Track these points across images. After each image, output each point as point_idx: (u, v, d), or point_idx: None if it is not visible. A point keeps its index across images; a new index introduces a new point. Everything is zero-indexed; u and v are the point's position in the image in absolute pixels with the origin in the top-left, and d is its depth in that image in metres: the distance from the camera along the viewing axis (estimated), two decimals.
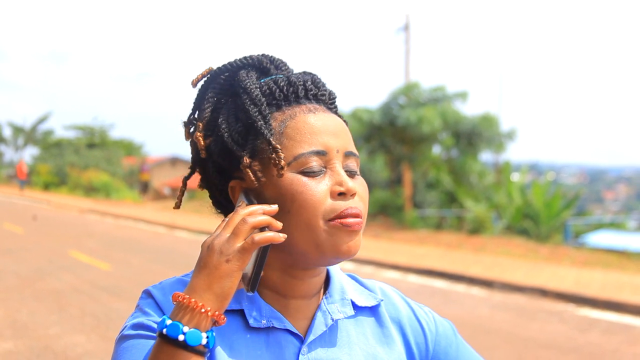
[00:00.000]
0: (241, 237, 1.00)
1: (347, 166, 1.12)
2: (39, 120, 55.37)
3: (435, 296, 9.80)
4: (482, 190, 21.80)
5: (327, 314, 1.17)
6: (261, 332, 1.12)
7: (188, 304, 0.97)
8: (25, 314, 8.22)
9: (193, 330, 0.96)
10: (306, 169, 1.08)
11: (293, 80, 1.14)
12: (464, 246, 15.33)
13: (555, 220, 18.90)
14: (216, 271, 0.99)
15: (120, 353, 1.05)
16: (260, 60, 1.17)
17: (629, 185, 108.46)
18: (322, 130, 1.10)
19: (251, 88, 1.11)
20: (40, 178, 43.47)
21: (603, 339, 7.46)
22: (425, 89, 21.10)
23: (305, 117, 1.11)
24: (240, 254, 0.99)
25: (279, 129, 1.10)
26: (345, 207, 1.08)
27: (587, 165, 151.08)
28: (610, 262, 12.65)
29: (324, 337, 1.16)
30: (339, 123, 1.14)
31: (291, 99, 1.13)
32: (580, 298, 9.29)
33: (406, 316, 1.28)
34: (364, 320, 1.23)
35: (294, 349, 1.13)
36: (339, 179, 1.08)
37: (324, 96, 1.16)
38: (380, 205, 21.51)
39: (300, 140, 1.09)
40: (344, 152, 1.11)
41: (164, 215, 23.60)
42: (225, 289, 0.99)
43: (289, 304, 1.16)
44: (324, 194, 1.07)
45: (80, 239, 16.22)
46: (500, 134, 20.80)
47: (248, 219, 1.02)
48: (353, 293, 1.24)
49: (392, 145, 20.94)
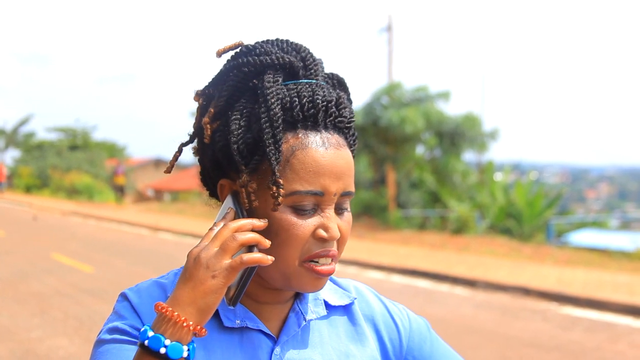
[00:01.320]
0: (229, 253, 1.00)
1: (339, 204, 1.12)
2: (20, 122, 54.79)
3: (419, 296, 9.83)
4: (465, 190, 21.87)
5: (300, 315, 1.19)
6: (235, 332, 1.13)
7: (171, 317, 0.97)
8: (6, 317, 8.15)
9: (175, 344, 0.96)
10: (298, 206, 1.07)
11: (317, 100, 1.10)
12: (447, 246, 15.38)
13: (538, 220, 19.00)
14: (201, 286, 0.98)
15: (96, 357, 1.06)
16: (292, 63, 1.13)
17: (610, 184, 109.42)
18: (326, 172, 1.08)
19: (272, 102, 1.08)
20: (21, 180, 43.05)
21: (585, 337, 7.52)
22: (408, 89, 21.14)
23: (315, 153, 1.08)
24: (228, 271, 0.99)
25: (287, 154, 1.08)
26: (321, 249, 1.09)
27: (569, 165, 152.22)
28: (592, 260, 12.75)
29: (296, 338, 1.17)
30: (347, 161, 1.12)
31: (309, 122, 1.10)
32: (563, 297, 9.36)
33: (380, 313, 1.30)
34: (337, 320, 1.25)
35: (267, 349, 1.14)
36: (327, 223, 1.08)
37: (342, 123, 1.13)
38: (364, 206, 21.53)
39: (302, 177, 1.07)
40: (340, 194, 1.10)
41: (147, 217, 23.48)
42: (209, 304, 0.99)
43: (261, 307, 1.17)
44: (307, 235, 1.08)
45: (62, 242, 16.10)
46: (483, 134, 20.89)
47: (237, 235, 1.01)
48: (326, 293, 1.26)
49: (376, 145, 20.96)
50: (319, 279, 1.10)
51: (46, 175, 41.35)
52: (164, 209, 27.83)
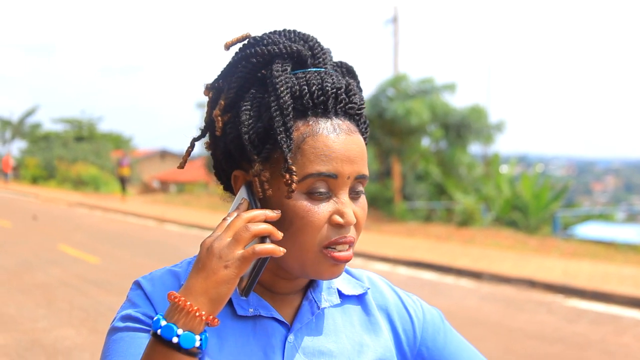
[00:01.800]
0: (242, 244, 1.00)
1: (354, 188, 1.11)
2: (26, 113, 54.98)
3: (424, 288, 9.83)
4: (471, 182, 21.87)
5: (314, 303, 1.19)
6: (248, 320, 1.14)
7: (183, 307, 0.97)
8: (13, 308, 8.19)
9: (187, 333, 0.97)
10: (312, 190, 1.07)
11: (326, 87, 1.10)
12: (453, 238, 15.38)
13: (544, 212, 18.99)
14: (214, 276, 0.99)
15: (109, 345, 1.07)
16: (300, 52, 1.13)
17: (617, 177, 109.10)
18: (339, 156, 1.08)
19: (282, 90, 1.08)
20: (28, 171, 43.20)
21: (591, 329, 7.51)
22: (413, 81, 21.12)
23: (327, 138, 1.08)
24: (240, 262, 0.99)
25: (298, 141, 1.08)
26: (339, 236, 1.09)
27: (575, 158, 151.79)
28: (598, 253, 12.73)
29: (310, 325, 1.18)
30: (359, 145, 1.11)
31: (319, 110, 1.10)
32: (568, 289, 9.35)
33: (393, 304, 1.30)
34: (351, 309, 1.24)
35: (280, 337, 1.14)
36: (342, 209, 1.08)
37: (352, 109, 1.13)
38: (370, 198, 21.46)
39: (314, 160, 1.07)
40: (354, 177, 1.10)
41: (153, 209, 23.52)
42: (221, 294, 0.99)
43: (275, 296, 1.18)
44: (323, 222, 1.08)
45: (68, 233, 16.15)
46: (489, 126, 20.87)
47: (250, 226, 1.01)
48: (340, 282, 1.25)
49: (381, 137, 20.95)
50: (336, 266, 1.10)
51: (52, 166, 41.47)
52: (170, 200, 27.87)
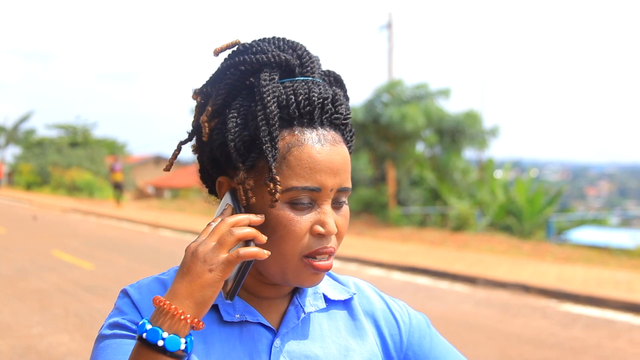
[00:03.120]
0: (226, 248, 1.01)
1: (337, 199, 1.13)
2: (20, 119, 54.81)
3: (419, 293, 9.84)
4: (465, 188, 21.89)
5: (299, 308, 1.20)
6: (234, 326, 1.15)
7: (168, 310, 0.99)
8: (7, 314, 8.16)
9: (172, 336, 0.98)
10: (295, 201, 1.08)
11: (313, 98, 1.11)
12: (447, 243, 15.39)
13: (538, 217, 19.01)
14: (199, 279, 1.00)
15: (97, 352, 1.08)
16: (288, 61, 1.14)
17: (611, 182, 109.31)
18: (323, 169, 1.09)
19: (268, 100, 1.09)
20: (22, 177, 43.09)
21: (585, 334, 7.53)
22: (408, 87, 21.13)
23: (311, 150, 1.09)
24: (224, 265, 1.00)
25: (283, 150, 1.09)
26: (320, 246, 1.10)
27: (569, 162, 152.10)
28: (592, 258, 12.75)
29: (296, 330, 1.19)
30: (344, 157, 1.13)
31: (305, 120, 1.11)
32: (563, 294, 9.36)
33: (380, 309, 1.31)
34: (337, 314, 1.26)
35: (267, 342, 1.15)
36: (323, 219, 1.10)
37: (338, 119, 1.15)
38: (364, 203, 21.53)
39: (298, 173, 1.08)
40: (337, 189, 1.12)
41: (147, 214, 23.49)
42: (206, 298, 1.00)
43: (261, 302, 1.19)
44: (304, 231, 1.09)
45: (63, 239, 16.11)
46: (484, 131, 20.88)
47: (234, 230, 1.03)
48: (325, 287, 1.27)
49: (376, 142, 20.96)
50: (316, 275, 1.12)
51: (46, 172, 41.36)
52: (164, 206, 27.83)
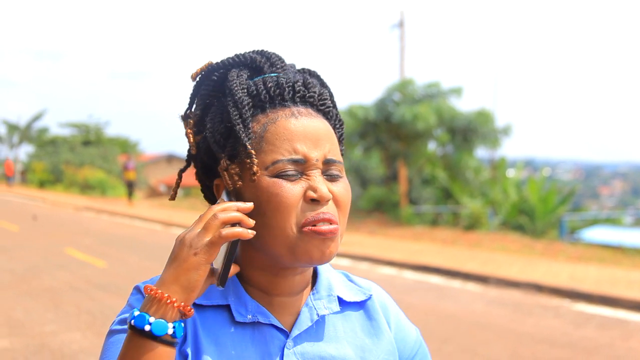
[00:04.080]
0: (211, 231, 1.02)
1: (327, 172, 1.12)
2: (33, 118, 55.11)
3: (431, 292, 9.81)
4: (477, 187, 21.82)
5: (313, 310, 1.19)
6: (247, 327, 1.14)
7: (155, 295, 1.00)
8: (20, 312, 8.21)
9: (159, 321, 0.99)
10: (281, 173, 1.08)
11: (282, 81, 1.13)
12: (459, 242, 15.35)
13: (551, 216, 18.93)
14: (184, 263, 1.01)
15: (106, 347, 1.09)
16: (254, 59, 1.17)
17: (624, 181, 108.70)
18: (301, 137, 1.10)
19: (236, 89, 1.12)
20: (35, 176, 43.31)
21: (598, 333, 7.48)
22: (420, 86, 21.11)
23: (286, 122, 1.10)
24: (208, 247, 1.01)
25: (260, 132, 1.11)
26: (316, 213, 1.08)
27: (582, 161, 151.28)
28: (605, 257, 12.68)
29: (309, 332, 1.18)
30: (322, 128, 1.13)
31: (276, 101, 1.13)
32: (575, 293, 9.31)
33: (394, 315, 1.32)
34: (352, 315, 1.25)
35: (279, 343, 1.14)
36: (313, 184, 1.09)
37: (312, 98, 1.15)
38: (376, 202, 21.52)
39: (278, 146, 1.09)
40: (323, 160, 1.11)
41: (159, 213, 23.56)
42: (191, 281, 1.01)
43: (273, 300, 1.17)
44: (297, 198, 1.08)
45: (75, 237, 16.19)
46: (496, 130, 20.82)
47: (219, 214, 1.03)
48: (341, 289, 1.25)
49: (388, 141, 20.94)
50: (323, 242, 1.09)
51: (59, 170, 41.55)
52: (176, 204, 27.89)
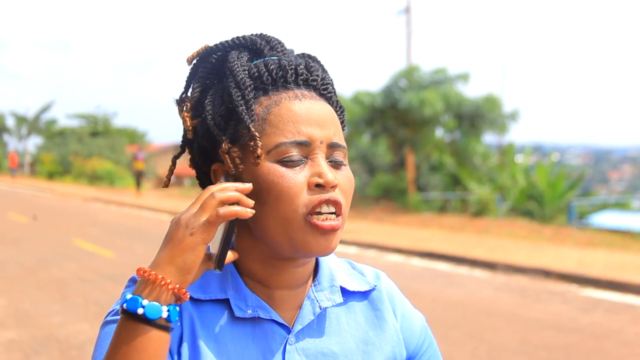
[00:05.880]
0: (207, 211, 0.98)
1: (331, 157, 1.08)
2: (41, 109, 55.27)
3: (439, 279, 9.79)
4: (485, 172, 21.76)
5: (315, 302, 1.15)
6: (247, 323, 1.11)
7: (148, 277, 0.96)
8: (28, 304, 8.24)
9: (152, 304, 0.94)
10: (285, 158, 1.04)
11: (284, 63, 1.10)
12: (467, 228, 15.32)
13: (560, 201, 18.87)
14: (180, 244, 0.97)
15: (100, 339, 1.06)
16: (254, 41, 1.13)
17: (634, 165, 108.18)
18: (305, 120, 1.06)
19: (237, 70, 1.08)
20: (44, 167, 43.52)
21: (606, 319, 7.45)
22: (426, 72, 21.02)
23: (290, 104, 1.07)
24: (204, 226, 0.97)
25: (263, 114, 1.07)
26: (321, 197, 1.04)
27: (592, 146, 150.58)
28: (614, 242, 12.64)
29: (311, 326, 1.14)
30: (327, 111, 1.09)
31: (279, 83, 1.09)
32: (584, 278, 9.28)
33: (399, 304, 1.27)
34: (356, 305, 1.21)
35: (280, 339, 1.11)
36: (319, 170, 1.04)
37: (315, 82, 1.12)
38: (384, 189, 21.49)
39: (282, 128, 1.05)
40: (327, 143, 1.07)
41: (168, 203, 23.60)
42: (187, 262, 0.97)
43: (274, 294, 1.13)
44: (300, 186, 1.04)
45: (84, 228, 16.25)
46: (504, 116, 20.73)
47: (217, 193, 0.99)
48: (344, 278, 1.21)
49: (395, 128, 20.89)
50: (324, 237, 1.05)
51: (68, 161, 41.71)
52: (185, 194, 27.95)
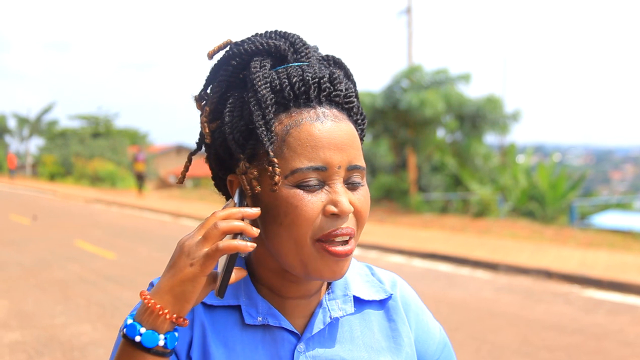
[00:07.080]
0: (210, 242, 0.97)
1: (349, 179, 1.06)
2: (43, 110, 55.31)
3: (440, 280, 9.79)
4: (487, 173, 21.74)
5: (327, 311, 1.15)
6: (257, 330, 1.11)
7: (148, 305, 0.97)
8: (31, 304, 8.25)
9: (149, 332, 0.96)
10: (303, 183, 1.03)
11: (307, 77, 1.07)
12: (468, 229, 15.31)
13: (561, 202, 18.85)
14: (180, 273, 0.97)
15: (116, 344, 1.07)
16: (278, 47, 1.10)
17: (635, 165, 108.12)
18: (325, 145, 1.03)
19: (259, 85, 1.05)
20: (45, 168, 43.52)
21: (608, 319, 7.45)
22: (427, 72, 20.99)
23: (311, 127, 1.04)
24: (204, 259, 0.97)
25: (282, 134, 1.05)
26: (334, 227, 1.03)
27: (593, 146, 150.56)
28: (616, 242, 12.62)
29: (322, 334, 1.14)
30: (348, 133, 1.07)
31: (301, 100, 1.06)
32: (586, 279, 9.27)
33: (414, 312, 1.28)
34: (371, 314, 1.21)
35: (289, 347, 1.11)
36: (335, 198, 1.03)
37: (338, 97, 1.09)
38: (385, 190, 21.47)
39: (300, 153, 1.03)
40: (346, 167, 1.05)
41: (169, 204, 23.61)
42: (186, 293, 0.97)
43: (286, 302, 1.14)
44: (316, 212, 1.03)
45: (85, 229, 16.25)
46: (505, 116, 20.70)
47: (220, 223, 0.98)
48: (360, 287, 1.21)
49: (396, 129, 20.87)
50: (336, 263, 1.04)
51: (69, 163, 41.70)
52: (186, 195, 27.95)
